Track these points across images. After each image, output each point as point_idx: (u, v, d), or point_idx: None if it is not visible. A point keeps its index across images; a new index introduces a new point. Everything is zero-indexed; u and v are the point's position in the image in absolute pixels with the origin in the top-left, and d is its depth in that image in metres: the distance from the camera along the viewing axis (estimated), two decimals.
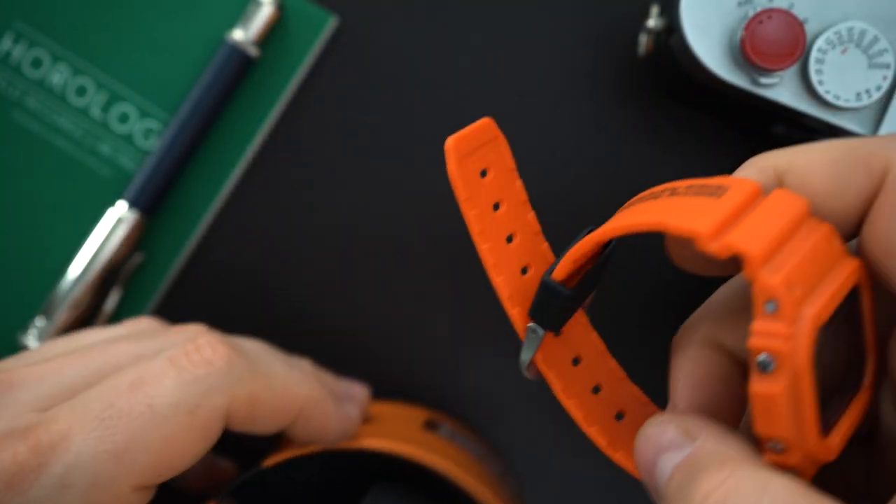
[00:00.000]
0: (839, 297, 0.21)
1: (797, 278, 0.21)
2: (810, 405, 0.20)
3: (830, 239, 0.22)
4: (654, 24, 0.38)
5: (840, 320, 0.22)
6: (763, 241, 0.21)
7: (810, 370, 0.20)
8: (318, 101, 0.42)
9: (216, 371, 0.28)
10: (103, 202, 0.41)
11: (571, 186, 0.42)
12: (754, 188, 0.22)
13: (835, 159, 0.23)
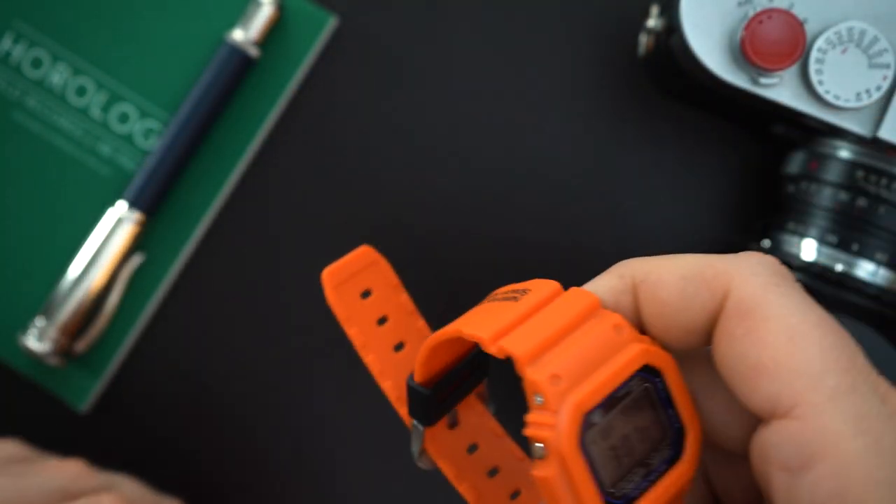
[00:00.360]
0: (614, 382, 0.23)
1: (565, 371, 0.23)
2: (585, 485, 0.23)
3: (619, 328, 0.24)
4: (654, 24, 0.38)
5: (638, 400, 0.24)
6: (532, 341, 0.24)
7: (577, 452, 0.23)
8: (318, 102, 0.42)
9: None
10: (103, 202, 0.41)
11: (571, 186, 0.42)
12: (553, 289, 0.25)
13: (684, 276, 0.25)
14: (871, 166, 0.35)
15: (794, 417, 0.23)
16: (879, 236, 0.36)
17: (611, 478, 0.24)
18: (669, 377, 0.25)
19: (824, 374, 0.22)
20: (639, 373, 0.24)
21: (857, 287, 0.36)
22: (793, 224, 0.37)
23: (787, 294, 0.24)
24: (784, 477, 0.23)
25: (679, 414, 0.25)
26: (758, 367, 0.23)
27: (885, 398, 0.23)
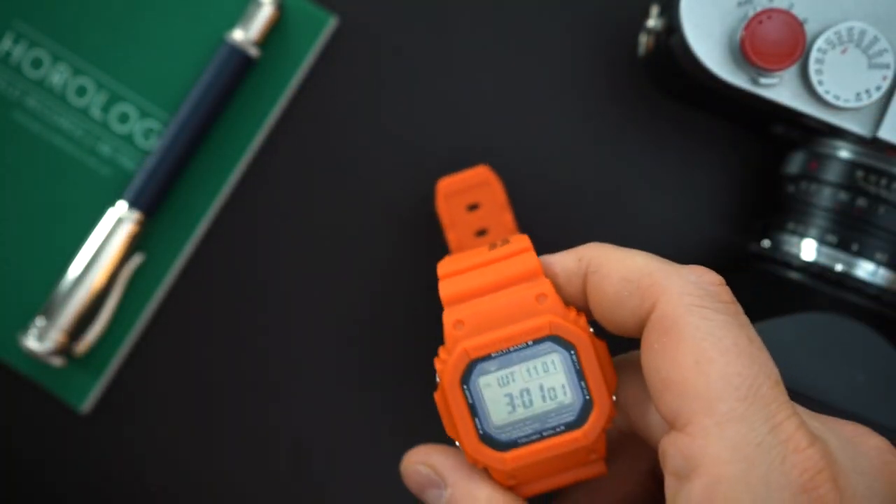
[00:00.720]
0: (512, 341, 0.28)
1: (471, 321, 0.28)
2: (460, 414, 0.28)
3: (543, 297, 0.28)
4: (654, 24, 0.38)
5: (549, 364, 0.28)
6: (459, 289, 0.28)
7: (456, 388, 0.28)
8: (318, 101, 0.42)
9: None
10: (103, 202, 0.41)
11: (571, 186, 0.42)
12: (522, 247, 0.29)
13: (625, 278, 0.27)
14: (871, 166, 0.35)
15: (687, 433, 0.25)
16: (879, 236, 0.36)
17: (499, 419, 0.28)
18: (582, 352, 0.28)
19: (719, 401, 0.25)
20: (548, 341, 0.28)
21: (857, 287, 0.36)
22: (793, 224, 0.37)
23: (709, 318, 0.26)
24: (672, 481, 0.26)
25: (588, 388, 0.28)
26: (666, 382, 0.26)
27: (777, 429, 0.24)
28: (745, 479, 0.24)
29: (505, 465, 0.28)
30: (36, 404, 0.42)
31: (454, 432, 0.28)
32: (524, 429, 0.28)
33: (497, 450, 0.28)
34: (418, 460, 0.30)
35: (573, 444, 0.28)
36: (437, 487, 0.30)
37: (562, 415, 0.28)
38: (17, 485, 0.34)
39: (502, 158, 0.42)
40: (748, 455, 0.24)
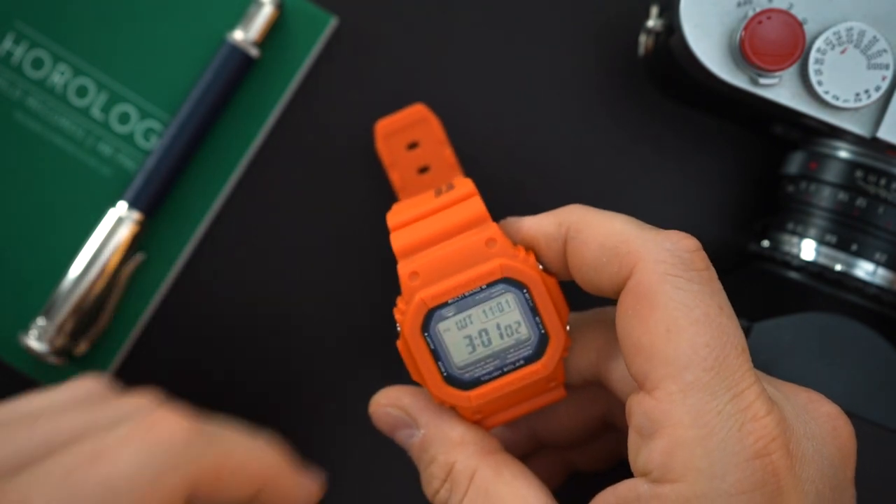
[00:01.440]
0: (467, 286, 0.29)
1: (425, 271, 0.29)
2: (423, 359, 0.29)
3: (492, 242, 0.29)
4: (654, 24, 0.38)
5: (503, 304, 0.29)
6: (411, 239, 0.30)
7: (417, 335, 0.29)
8: (318, 102, 0.42)
9: (175, 446, 0.26)
10: (104, 202, 0.41)
11: (571, 185, 0.42)
12: (467, 191, 0.31)
13: (603, 244, 0.28)
14: (871, 166, 0.35)
15: (653, 396, 0.27)
16: (878, 236, 0.36)
17: (460, 360, 0.30)
18: (533, 290, 0.29)
19: (685, 370, 0.26)
20: (501, 283, 0.29)
21: (857, 287, 0.36)
22: (792, 224, 0.37)
23: (682, 287, 0.27)
24: (635, 437, 0.27)
25: (543, 322, 0.30)
26: (637, 347, 0.27)
27: (738, 397, 0.26)
28: (704, 444, 0.26)
29: (470, 402, 0.30)
30: None
31: (419, 377, 0.30)
32: (486, 367, 0.30)
33: (462, 389, 0.30)
34: (388, 402, 0.32)
35: (533, 375, 0.30)
36: (408, 428, 0.31)
37: (520, 350, 0.30)
38: None
39: (502, 158, 0.42)
40: (708, 422, 0.26)
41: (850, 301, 0.36)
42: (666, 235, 0.28)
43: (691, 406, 0.26)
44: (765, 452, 0.26)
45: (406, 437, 0.32)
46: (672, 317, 0.27)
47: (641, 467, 0.27)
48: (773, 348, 0.35)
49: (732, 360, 0.26)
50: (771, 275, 0.38)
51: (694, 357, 0.26)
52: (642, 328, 0.27)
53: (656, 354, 0.27)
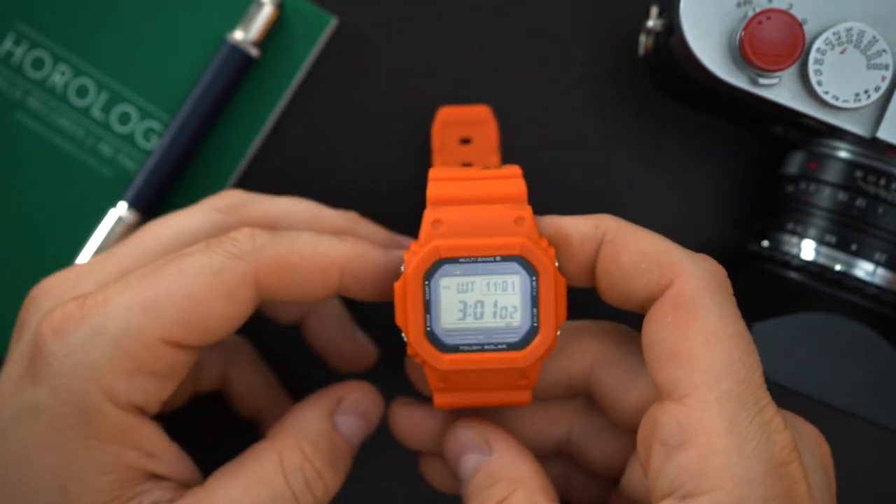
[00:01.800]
0: (481, 251, 0.29)
1: (448, 224, 0.29)
2: (414, 306, 0.29)
3: (521, 221, 0.30)
4: (654, 24, 0.38)
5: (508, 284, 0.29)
6: (445, 193, 0.30)
7: (418, 280, 0.29)
8: (318, 102, 0.42)
9: (239, 241, 0.30)
10: (104, 202, 0.41)
11: (571, 185, 0.42)
12: (515, 171, 0.31)
13: (645, 251, 0.29)
14: (870, 166, 0.36)
15: (684, 404, 0.27)
16: (878, 236, 0.36)
17: (448, 322, 0.29)
18: (542, 281, 0.29)
19: (721, 379, 0.27)
20: (515, 261, 0.29)
21: (856, 287, 0.36)
22: (792, 224, 0.37)
23: (719, 303, 0.28)
24: (661, 451, 0.27)
25: (539, 315, 0.29)
26: (673, 352, 0.28)
27: (763, 410, 0.27)
28: (740, 452, 0.26)
29: (442, 364, 0.29)
30: None
31: (403, 322, 0.29)
32: (468, 338, 0.29)
33: (438, 349, 0.29)
34: (469, 424, 0.32)
35: (511, 363, 0.29)
36: (479, 452, 0.31)
37: (507, 334, 0.29)
38: None
39: (502, 157, 0.42)
40: (742, 430, 0.27)
41: (850, 301, 0.36)
42: (702, 256, 0.30)
43: (726, 414, 0.27)
44: (787, 461, 0.27)
45: (470, 461, 0.31)
46: (711, 328, 0.28)
47: (669, 483, 0.27)
48: (773, 348, 0.35)
49: (758, 377, 0.28)
50: (771, 275, 0.38)
51: (730, 369, 0.27)
52: (680, 335, 0.28)
53: (693, 362, 0.27)
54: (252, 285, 0.30)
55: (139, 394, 0.30)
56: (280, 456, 0.30)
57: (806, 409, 0.42)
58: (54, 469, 0.29)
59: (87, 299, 0.30)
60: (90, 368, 0.29)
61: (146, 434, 0.30)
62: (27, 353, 0.30)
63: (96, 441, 0.29)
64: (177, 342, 0.30)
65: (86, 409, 0.29)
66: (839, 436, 0.42)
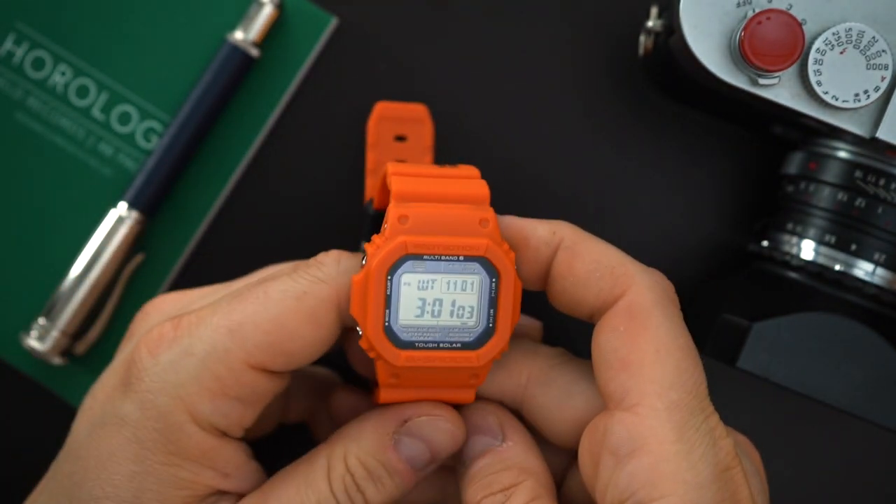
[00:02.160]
0: (445, 250, 0.29)
1: (414, 220, 0.29)
2: (375, 300, 0.29)
3: (485, 222, 0.30)
4: (654, 24, 0.38)
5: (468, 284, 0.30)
6: (411, 189, 0.30)
7: (383, 274, 0.29)
8: (318, 102, 0.42)
9: (324, 266, 0.31)
10: (105, 202, 0.41)
11: (571, 185, 0.42)
12: (474, 172, 0.31)
13: (599, 261, 0.30)
14: (870, 167, 0.36)
15: (634, 413, 0.28)
16: (877, 236, 0.36)
17: (406, 318, 0.29)
18: (503, 283, 0.30)
19: (671, 388, 0.28)
20: (478, 262, 0.29)
21: (856, 286, 0.36)
22: (791, 224, 0.37)
23: (669, 316, 0.29)
24: (611, 460, 0.28)
25: (495, 317, 0.30)
26: (624, 362, 0.28)
27: (709, 418, 0.28)
28: (688, 458, 0.27)
29: (398, 361, 0.29)
30: (37, 404, 0.42)
31: (361, 315, 0.29)
32: (424, 335, 0.30)
33: (394, 345, 0.29)
34: (487, 408, 0.32)
35: (464, 362, 0.30)
36: (492, 437, 0.31)
37: (462, 334, 0.30)
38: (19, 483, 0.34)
39: (502, 158, 0.42)
40: (690, 437, 0.27)
41: (850, 301, 0.36)
42: (654, 271, 0.30)
43: (675, 422, 0.28)
44: (732, 466, 0.28)
45: (480, 443, 0.32)
46: (662, 340, 0.28)
47: (620, 492, 0.28)
48: (773, 348, 0.35)
49: (703, 388, 0.29)
50: (770, 275, 0.38)
51: (679, 379, 0.28)
52: (632, 345, 0.29)
53: (644, 372, 0.28)
54: (335, 309, 0.30)
55: (221, 417, 0.30)
56: (329, 462, 0.30)
57: (806, 409, 0.42)
58: (132, 478, 0.30)
59: (182, 320, 0.31)
60: (176, 387, 0.30)
61: (225, 456, 0.31)
62: (125, 365, 0.31)
63: (176, 458, 0.30)
64: (260, 366, 0.30)
65: (169, 426, 0.30)
66: (839, 436, 0.43)
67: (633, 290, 0.29)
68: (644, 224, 0.42)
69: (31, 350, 0.40)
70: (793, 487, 0.42)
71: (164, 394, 0.30)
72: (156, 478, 0.30)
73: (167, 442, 0.30)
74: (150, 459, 0.30)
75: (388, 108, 0.40)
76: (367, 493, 0.30)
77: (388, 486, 0.31)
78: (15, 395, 0.42)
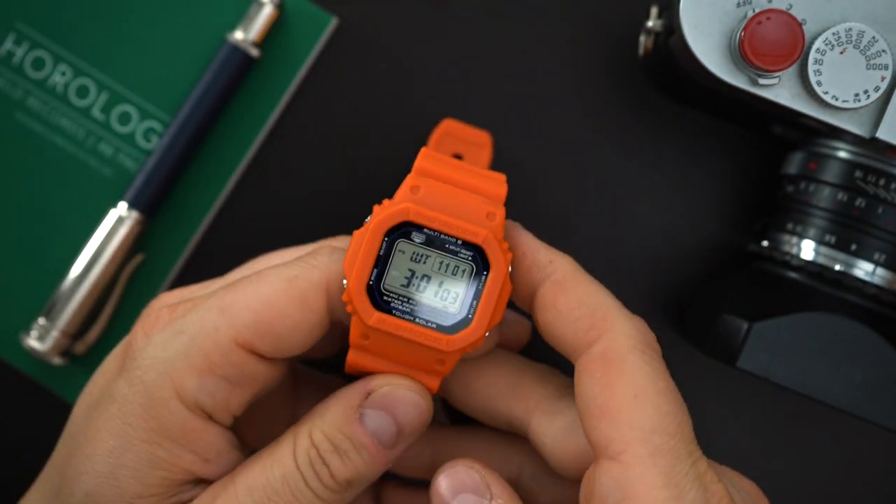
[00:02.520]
0: (447, 229, 0.30)
1: (426, 194, 0.30)
2: (366, 257, 0.30)
3: (492, 216, 0.30)
4: (654, 24, 0.38)
5: (459, 270, 0.30)
6: (433, 167, 0.30)
7: (380, 234, 0.29)
8: (318, 102, 0.42)
9: (319, 255, 0.31)
10: (105, 202, 0.41)
11: (571, 185, 0.42)
12: (502, 178, 0.31)
13: (581, 302, 0.30)
14: (870, 167, 0.36)
15: (620, 461, 0.27)
16: (878, 236, 0.36)
17: (390, 284, 0.30)
18: (492, 278, 0.30)
19: (653, 433, 0.27)
20: (474, 251, 0.30)
21: (856, 286, 0.36)
22: (791, 224, 0.37)
23: (648, 361, 0.29)
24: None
25: (476, 309, 0.30)
26: (603, 409, 0.28)
27: (697, 463, 0.28)
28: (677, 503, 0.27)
29: (370, 320, 0.30)
30: (37, 403, 0.42)
31: (350, 268, 0.30)
32: (403, 306, 0.30)
33: (372, 304, 0.30)
34: (471, 465, 0.31)
35: (434, 342, 0.30)
36: (479, 496, 0.31)
37: (441, 316, 0.30)
38: (19, 483, 0.34)
39: (502, 158, 0.42)
40: (679, 482, 0.27)
41: (850, 301, 0.36)
42: (636, 318, 0.30)
43: (661, 467, 0.27)
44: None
45: (469, 501, 0.31)
46: (639, 384, 0.28)
47: None
48: (773, 348, 0.35)
49: (688, 431, 0.28)
50: (770, 275, 0.38)
51: (659, 422, 0.28)
52: (609, 392, 0.28)
53: (623, 418, 0.28)
54: (324, 294, 0.31)
55: (207, 396, 0.30)
56: (294, 439, 0.30)
57: (806, 409, 0.42)
58: (110, 453, 0.30)
59: (179, 306, 0.31)
60: (164, 363, 0.30)
61: (208, 439, 0.31)
62: (122, 349, 0.32)
63: (156, 435, 0.30)
64: (249, 345, 0.30)
65: (154, 402, 0.30)
66: (839, 436, 0.43)
67: (609, 336, 0.29)
68: (644, 224, 0.42)
69: (31, 350, 0.40)
70: (793, 487, 0.42)
71: (152, 370, 0.30)
72: (134, 454, 0.30)
73: (149, 418, 0.30)
74: (130, 435, 0.30)
75: (453, 126, 0.41)
76: (332, 465, 0.30)
77: (355, 461, 0.30)
78: (15, 395, 0.42)
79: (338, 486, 0.30)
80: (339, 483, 0.30)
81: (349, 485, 0.30)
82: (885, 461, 0.43)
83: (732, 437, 0.42)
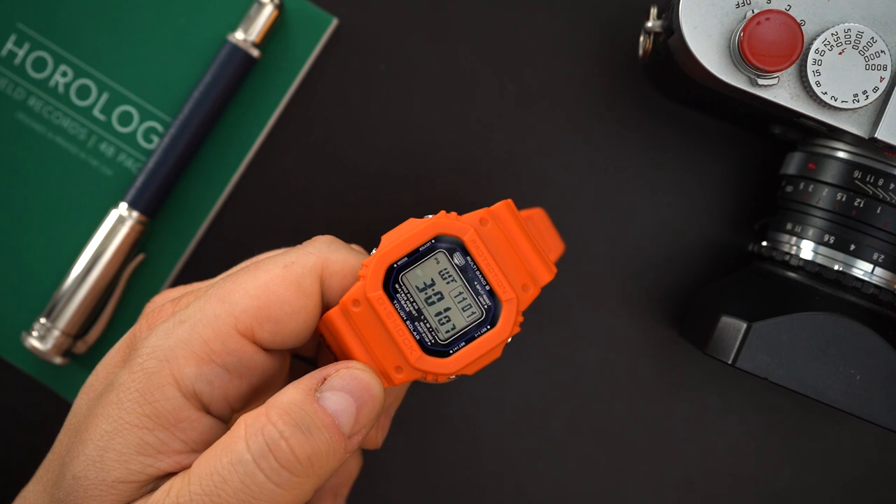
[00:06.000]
0: (485, 267, 0.30)
1: (488, 235, 0.31)
2: (406, 241, 0.30)
3: (528, 287, 0.31)
4: (653, 24, 0.38)
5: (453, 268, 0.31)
6: (507, 216, 0.31)
7: (427, 233, 0.30)
8: (318, 102, 0.42)
9: (316, 243, 0.33)
10: (106, 203, 0.41)
11: (570, 186, 0.42)
12: (553, 268, 0.32)
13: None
14: (869, 167, 0.36)
15: None
16: (876, 236, 0.36)
17: (409, 278, 0.30)
18: (490, 334, 0.30)
19: None
20: (493, 302, 0.30)
21: (854, 286, 0.36)
22: (791, 224, 0.38)
23: None
24: None
25: (459, 350, 0.30)
26: None
27: None
28: None
29: (371, 293, 0.30)
30: (38, 403, 0.42)
31: (387, 241, 0.31)
32: (405, 304, 0.30)
33: (382, 283, 0.30)
34: None
35: (406, 348, 0.30)
36: None
37: (427, 334, 0.30)
38: (20, 483, 0.34)
39: (502, 158, 0.42)
40: None
41: (849, 301, 0.36)
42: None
43: None
44: None
45: None
46: None
47: None
48: (772, 348, 0.35)
49: None
50: (770, 275, 0.38)
51: None
52: None
53: None
54: (318, 279, 0.31)
55: (205, 384, 0.30)
56: (245, 423, 0.29)
57: (806, 409, 0.42)
58: (101, 437, 0.30)
59: (182, 298, 0.32)
60: (165, 351, 0.30)
61: (200, 429, 0.31)
62: (125, 341, 0.33)
63: (149, 420, 0.30)
64: (249, 332, 0.31)
65: (151, 387, 0.30)
66: (839, 436, 0.43)
67: None
68: (643, 224, 0.42)
69: (33, 350, 0.40)
70: (793, 487, 0.43)
71: (153, 358, 0.30)
72: (123, 439, 0.30)
73: (145, 403, 0.30)
74: (122, 419, 0.30)
75: (539, 216, 0.39)
76: (291, 440, 0.29)
77: (317, 439, 0.29)
78: (16, 395, 0.42)
79: (298, 466, 0.29)
80: (301, 461, 0.29)
81: (310, 464, 0.29)
82: (885, 461, 0.43)
83: (732, 437, 0.42)
